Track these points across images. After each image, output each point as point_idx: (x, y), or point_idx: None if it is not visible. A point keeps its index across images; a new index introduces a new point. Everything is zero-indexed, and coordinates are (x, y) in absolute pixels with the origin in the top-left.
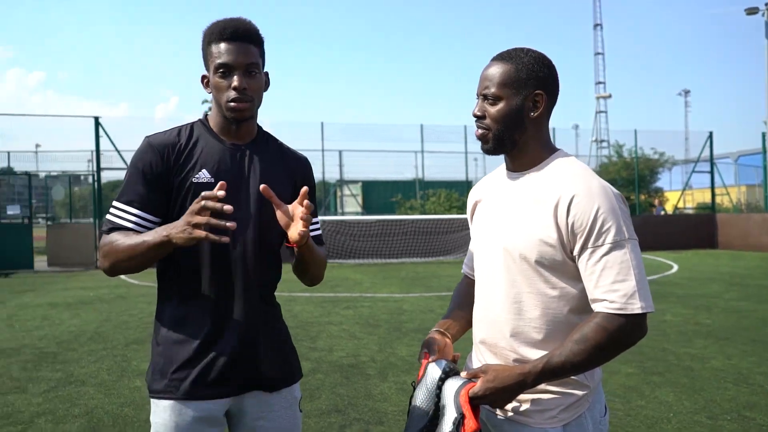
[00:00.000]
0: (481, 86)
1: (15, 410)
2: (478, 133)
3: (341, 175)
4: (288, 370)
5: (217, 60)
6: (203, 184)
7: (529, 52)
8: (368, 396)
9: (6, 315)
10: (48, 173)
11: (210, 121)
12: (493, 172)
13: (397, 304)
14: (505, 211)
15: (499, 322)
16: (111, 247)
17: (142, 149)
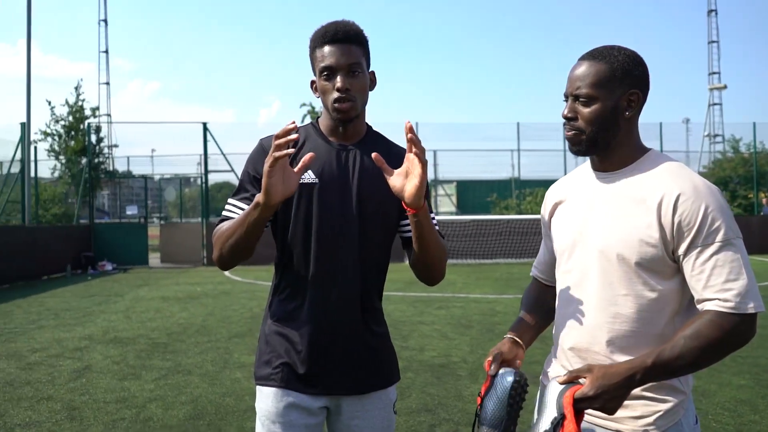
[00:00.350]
0: (572, 86)
1: (130, 395)
2: (569, 134)
3: (435, 175)
4: (385, 373)
5: (320, 63)
6: (308, 184)
7: (621, 50)
8: (458, 397)
9: (124, 307)
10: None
11: (320, 124)
12: (573, 172)
13: (490, 305)
14: (598, 212)
15: (592, 327)
16: (220, 233)
17: (254, 151)
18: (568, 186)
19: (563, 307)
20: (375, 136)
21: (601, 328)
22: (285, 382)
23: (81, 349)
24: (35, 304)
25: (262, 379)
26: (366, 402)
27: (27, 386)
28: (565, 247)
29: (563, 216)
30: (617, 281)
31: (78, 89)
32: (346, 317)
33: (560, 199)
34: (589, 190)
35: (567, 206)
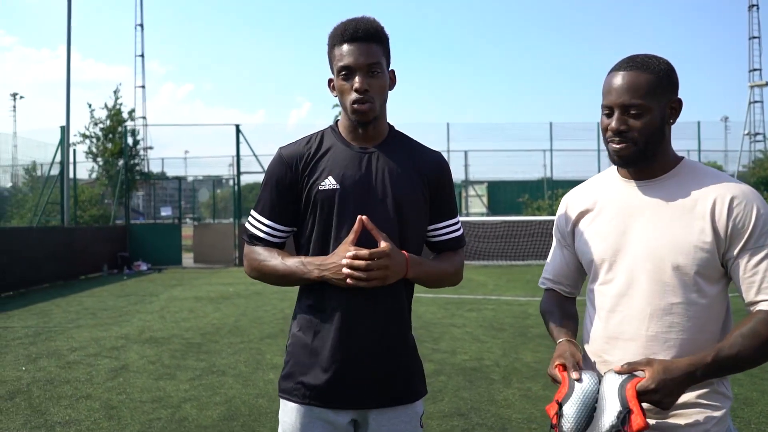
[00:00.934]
0: (618, 97)
1: (166, 395)
2: (618, 146)
3: (466, 176)
4: (414, 386)
5: (338, 63)
6: (328, 190)
7: (658, 58)
8: (491, 401)
9: (159, 307)
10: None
11: (339, 126)
12: (592, 180)
13: (521, 308)
14: (642, 221)
15: (647, 338)
16: (258, 264)
17: (273, 161)
18: (592, 194)
19: (604, 319)
20: (398, 136)
21: (657, 339)
22: (308, 399)
23: (118, 349)
24: (74, 303)
25: (285, 392)
26: (393, 415)
27: (66, 385)
28: (604, 257)
29: (596, 225)
30: (671, 290)
31: (117, 93)
32: (375, 330)
33: (586, 207)
34: (625, 199)
35: (599, 215)
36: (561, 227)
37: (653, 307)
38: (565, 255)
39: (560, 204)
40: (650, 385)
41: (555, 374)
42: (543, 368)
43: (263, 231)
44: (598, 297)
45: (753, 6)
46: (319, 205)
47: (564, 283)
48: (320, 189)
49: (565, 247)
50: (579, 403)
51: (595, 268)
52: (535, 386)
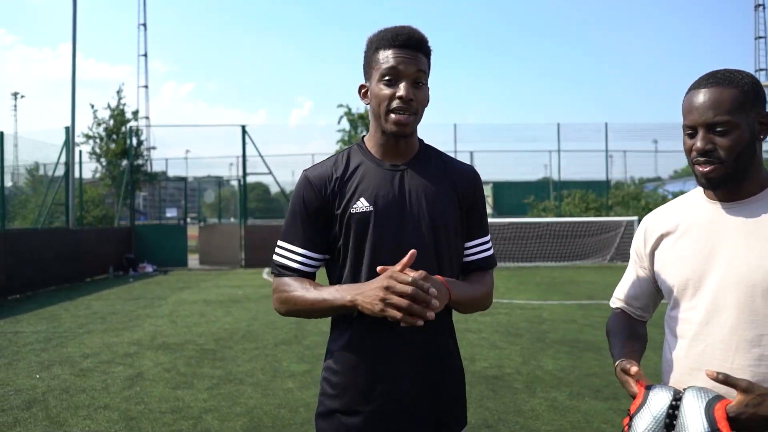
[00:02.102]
0: (702, 116)
1: (185, 405)
2: (706, 169)
3: None
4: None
5: (384, 65)
6: (361, 213)
7: (742, 72)
8: (518, 412)
9: (168, 311)
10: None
11: (367, 143)
12: (676, 201)
13: (535, 311)
14: (732, 245)
15: (731, 370)
16: (288, 296)
17: (299, 185)
18: (675, 216)
19: (686, 348)
20: (429, 151)
21: (743, 371)
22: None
23: (131, 355)
24: (82, 307)
25: (324, 430)
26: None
27: (83, 394)
28: (688, 283)
29: (678, 249)
30: (762, 320)
31: (120, 93)
32: (423, 358)
33: (667, 230)
34: (712, 221)
35: (681, 238)
36: (639, 249)
37: (739, 337)
38: (640, 278)
39: (640, 225)
40: (743, 412)
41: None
42: (566, 376)
43: (295, 260)
44: (680, 324)
45: (759, 6)
46: (352, 229)
47: (635, 305)
48: (353, 212)
49: (642, 270)
50: (651, 417)
51: (677, 294)
52: (561, 396)
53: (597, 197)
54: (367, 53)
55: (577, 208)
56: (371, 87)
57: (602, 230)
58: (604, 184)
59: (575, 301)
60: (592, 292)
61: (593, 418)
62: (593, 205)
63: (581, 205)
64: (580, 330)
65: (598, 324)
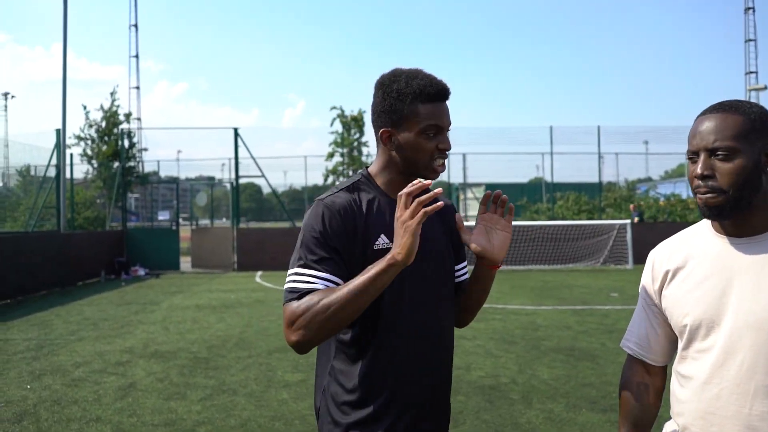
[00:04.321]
0: (704, 140)
1: (178, 417)
2: (705, 197)
3: (464, 179)
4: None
5: (427, 121)
6: (384, 250)
7: (751, 102)
8: (515, 425)
9: (161, 317)
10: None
11: (376, 179)
12: (683, 233)
13: (529, 317)
14: (744, 284)
15: (749, 417)
16: (314, 310)
17: (322, 214)
18: (683, 249)
19: (698, 391)
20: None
21: (763, 417)
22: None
23: (123, 364)
24: (73, 312)
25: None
26: None
27: (74, 405)
28: (700, 323)
29: (688, 286)
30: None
31: (113, 95)
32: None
33: (677, 265)
34: (719, 257)
35: (691, 274)
36: (648, 286)
37: (757, 382)
38: (651, 319)
39: (647, 260)
40: None
41: None
42: (561, 386)
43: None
44: (692, 365)
45: (749, 9)
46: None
47: (651, 350)
48: (375, 248)
49: (653, 308)
50: None
51: (689, 334)
52: (557, 407)
53: (589, 199)
54: (396, 102)
55: (570, 211)
56: (406, 137)
57: (595, 233)
58: (596, 186)
59: (569, 307)
60: (585, 297)
61: (590, 431)
62: (586, 207)
63: (574, 208)
64: (575, 337)
65: (593, 331)
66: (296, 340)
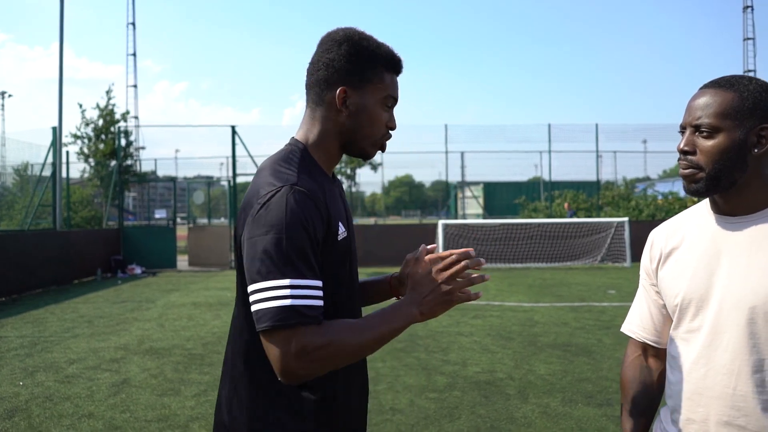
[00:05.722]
0: (691, 116)
1: (172, 413)
2: (684, 172)
3: (463, 177)
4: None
5: (390, 91)
6: (343, 240)
7: (752, 79)
8: (510, 419)
9: (157, 314)
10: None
11: (313, 152)
12: (684, 214)
13: (527, 314)
14: (731, 264)
15: (735, 397)
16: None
17: (302, 203)
18: (680, 229)
19: (687, 371)
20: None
21: (747, 398)
22: None
23: (117, 361)
24: (68, 310)
25: None
26: None
27: (67, 402)
28: (689, 303)
29: (681, 266)
30: (764, 343)
31: (109, 93)
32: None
33: (672, 245)
34: (712, 237)
35: (685, 254)
36: (646, 267)
37: (741, 362)
38: (652, 300)
39: (647, 241)
40: None
41: None
42: (557, 381)
43: (320, 297)
44: (681, 346)
45: (747, 7)
46: (338, 259)
47: (653, 332)
48: (339, 239)
49: (653, 289)
50: None
51: (679, 314)
52: (553, 402)
53: (587, 198)
54: (363, 62)
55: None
56: (364, 103)
57: (593, 231)
58: (594, 184)
59: (567, 304)
60: (583, 294)
61: (587, 426)
62: (584, 205)
63: (572, 206)
64: (572, 333)
65: (590, 327)
66: (303, 374)
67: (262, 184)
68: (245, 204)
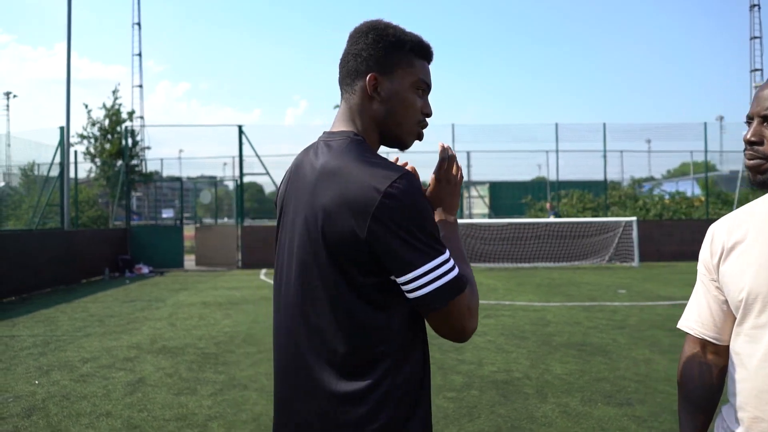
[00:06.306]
0: (760, 106)
1: (189, 412)
2: (751, 162)
3: (469, 177)
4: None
5: (423, 76)
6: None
7: None
8: (531, 419)
9: (167, 313)
10: (193, 179)
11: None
12: (744, 207)
13: (538, 313)
14: None
15: None
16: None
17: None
18: (744, 224)
19: (755, 368)
20: None
21: None
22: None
23: (131, 360)
24: (78, 309)
25: None
26: None
27: (84, 401)
28: (755, 298)
29: (745, 260)
30: None
31: (115, 93)
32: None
33: (737, 240)
34: None
35: (750, 247)
36: (706, 261)
37: None
38: (712, 295)
39: (706, 234)
40: None
41: None
42: (575, 381)
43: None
44: (747, 342)
45: (754, 6)
46: None
47: (713, 328)
48: None
49: (713, 285)
50: None
51: (744, 310)
52: (572, 401)
53: (594, 197)
54: (391, 47)
55: (574, 209)
56: (396, 88)
57: (601, 231)
58: (600, 184)
59: (578, 303)
60: (593, 294)
61: (608, 425)
62: (590, 205)
63: (578, 205)
64: (586, 333)
65: (603, 327)
66: (475, 327)
67: (367, 177)
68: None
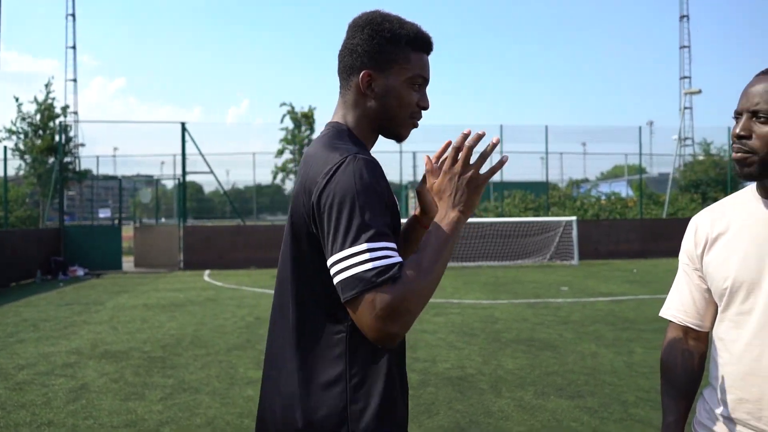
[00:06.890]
0: (749, 102)
1: (139, 418)
2: (737, 156)
3: (415, 177)
4: None
5: (418, 71)
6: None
7: None
8: (488, 413)
9: (108, 317)
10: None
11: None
12: (726, 199)
13: (486, 311)
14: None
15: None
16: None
17: (376, 171)
18: (726, 214)
19: (738, 353)
20: None
21: None
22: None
23: (72, 365)
24: (9, 314)
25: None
26: None
27: (22, 410)
28: (739, 286)
29: (730, 249)
30: None
31: (48, 87)
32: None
33: (720, 230)
34: (763, 221)
35: (733, 238)
36: (689, 251)
37: None
38: (694, 284)
39: (689, 226)
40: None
41: None
42: (527, 375)
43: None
44: (732, 328)
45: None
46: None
47: (695, 315)
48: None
49: (695, 273)
50: None
51: (729, 297)
52: (526, 395)
53: (535, 198)
54: (386, 43)
55: (517, 209)
56: (390, 84)
57: (542, 230)
58: (542, 185)
59: (523, 300)
60: (537, 291)
61: (562, 417)
62: (532, 205)
63: (521, 206)
64: (533, 329)
65: (549, 323)
66: (397, 331)
67: (321, 162)
68: (304, 187)
